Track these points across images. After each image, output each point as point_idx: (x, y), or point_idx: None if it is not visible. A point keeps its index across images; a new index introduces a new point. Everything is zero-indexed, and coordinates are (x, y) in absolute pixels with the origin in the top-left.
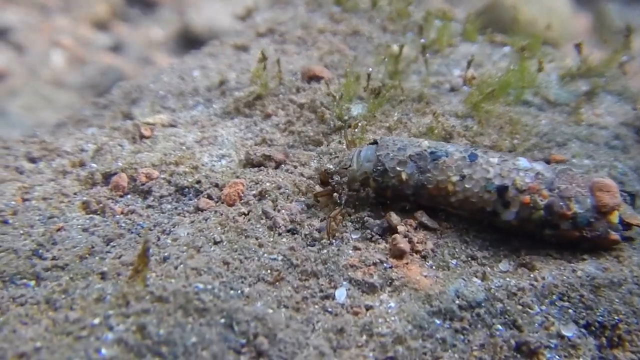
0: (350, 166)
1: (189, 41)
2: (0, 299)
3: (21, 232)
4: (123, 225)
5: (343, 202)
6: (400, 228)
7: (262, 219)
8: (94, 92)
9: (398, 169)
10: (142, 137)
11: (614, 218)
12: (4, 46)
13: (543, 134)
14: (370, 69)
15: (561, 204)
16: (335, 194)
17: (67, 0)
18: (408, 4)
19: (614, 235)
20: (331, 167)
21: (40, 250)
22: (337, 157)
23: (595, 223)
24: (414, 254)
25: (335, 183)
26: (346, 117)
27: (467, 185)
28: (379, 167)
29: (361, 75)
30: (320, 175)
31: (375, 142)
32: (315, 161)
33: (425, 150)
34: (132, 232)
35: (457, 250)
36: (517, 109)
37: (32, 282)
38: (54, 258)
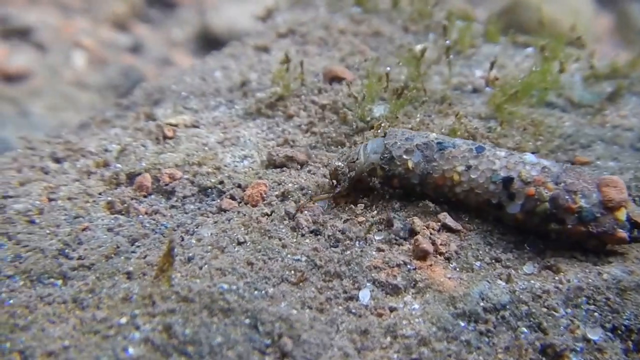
0: (357, 159)
1: (209, 42)
2: (29, 298)
3: (47, 231)
4: (147, 225)
5: (338, 190)
6: (423, 232)
7: (285, 219)
8: (115, 92)
9: (405, 157)
10: (165, 137)
11: (622, 215)
12: (26, 47)
13: (567, 136)
14: (389, 68)
15: (567, 197)
16: (334, 181)
17: (87, 1)
18: (431, 5)
19: (621, 233)
20: (340, 163)
21: (67, 250)
22: (344, 154)
23: (601, 218)
24: (438, 255)
25: (341, 173)
26: (368, 118)
27: (472, 176)
28: (386, 155)
29: (383, 76)
30: (331, 174)
31: (384, 135)
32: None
33: (432, 140)
34: (156, 232)
35: (481, 252)
36: (540, 110)
37: (59, 282)
38: (80, 257)
